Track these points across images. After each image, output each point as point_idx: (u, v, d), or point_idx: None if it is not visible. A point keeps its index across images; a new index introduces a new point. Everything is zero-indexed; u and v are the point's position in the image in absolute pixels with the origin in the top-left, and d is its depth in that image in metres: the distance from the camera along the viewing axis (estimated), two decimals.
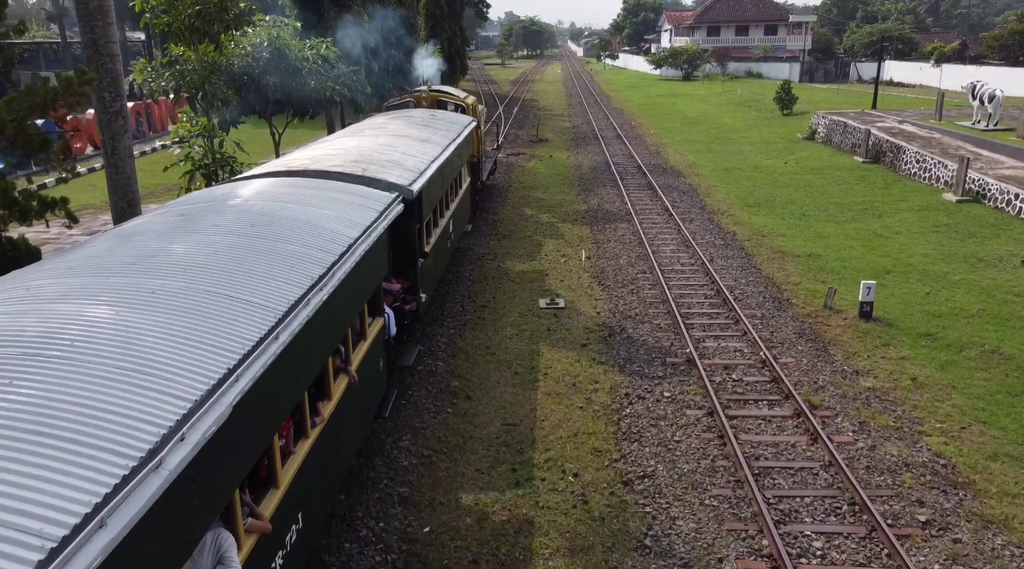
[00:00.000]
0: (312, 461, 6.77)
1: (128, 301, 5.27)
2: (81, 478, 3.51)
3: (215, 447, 4.47)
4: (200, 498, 4.40)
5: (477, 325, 14.83)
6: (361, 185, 10.50)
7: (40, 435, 3.69)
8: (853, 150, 32.87)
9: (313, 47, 18.88)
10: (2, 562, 2.95)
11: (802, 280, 17.05)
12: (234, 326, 5.35)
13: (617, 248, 19.85)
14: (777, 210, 23.86)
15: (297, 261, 6.91)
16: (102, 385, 4.21)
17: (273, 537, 5.74)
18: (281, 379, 5.72)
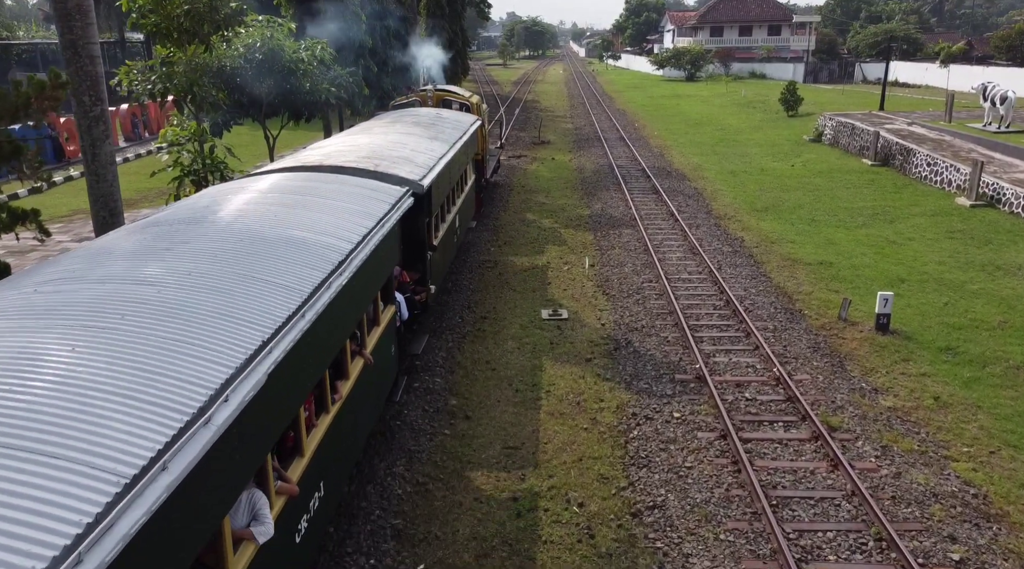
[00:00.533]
0: (332, 434, 7.26)
1: (167, 280, 5.88)
2: (144, 428, 4.01)
3: (253, 410, 4.94)
4: (241, 454, 4.88)
5: (477, 338, 14.23)
6: (374, 179, 11.03)
7: (105, 392, 4.19)
8: (861, 152, 32.25)
9: (308, 48, 18.29)
10: (85, 493, 3.46)
11: (814, 289, 16.43)
12: (266, 304, 5.92)
13: (622, 255, 19.24)
14: (785, 215, 23.24)
15: (318, 248, 7.48)
16: (154, 352, 4.74)
17: (299, 501, 6.27)
18: (307, 354, 6.19)
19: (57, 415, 3.91)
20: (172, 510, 3.89)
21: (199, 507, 4.34)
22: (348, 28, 22.14)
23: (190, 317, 5.30)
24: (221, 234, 7.24)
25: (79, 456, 3.67)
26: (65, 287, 5.59)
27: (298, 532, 6.30)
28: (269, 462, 5.68)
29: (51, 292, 5.50)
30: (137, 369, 4.49)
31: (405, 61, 31.13)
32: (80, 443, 3.76)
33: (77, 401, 4.06)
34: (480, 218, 23.27)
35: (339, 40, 21.68)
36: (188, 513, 4.19)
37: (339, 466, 7.70)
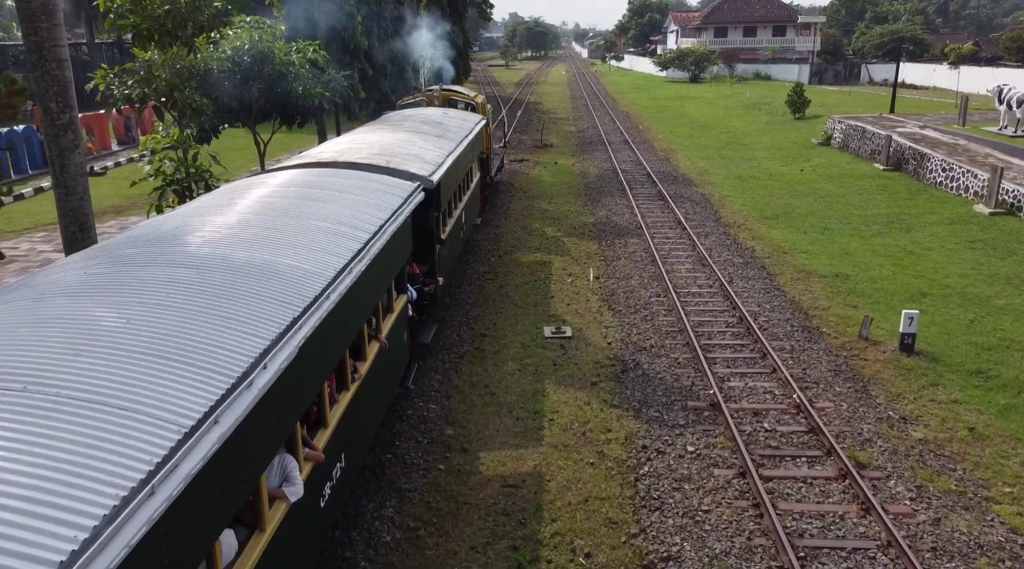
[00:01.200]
0: (352, 410, 7.80)
1: (206, 263, 6.43)
2: (196, 388, 4.52)
3: (286, 378, 5.42)
4: (275, 418, 5.39)
5: (475, 358, 13.40)
6: (386, 175, 11.50)
7: (160, 357, 4.71)
8: (872, 157, 31.38)
9: (300, 50, 17.46)
10: (153, 438, 3.96)
11: (831, 304, 15.58)
12: (295, 286, 6.43)
13: (628, 266, 18.40)
14: (797, 223, 22.39)
15: (339, 237, 8.00)
16: (200, 325, 5.24)
17: (324, 468, 6.78)
18: (330, 333, 6.66)
19: (122, 375, 4.46)
20: (222, 459, 4.41)
21: (242, 460, 4.87)
22: (343, 29, 21.28)
23: (229, 295, 5.86)
24: (251, 222, 7.91)
25: (145, 408, 4.23)
26: (115, 268, 6.24)
27: (323, 497, 6.84)
28: (298, 430, 6.20)
29: (103, 272, 6.12)
30: (186, 339, 5.04)
31: (404, 63, 30.29)
32: (144, 398, 4.31)
33: (137, 364, 4.61)
34: (483, 220, 22.46)
35: (333, 41, 20.86)
36: (234, 464, 4.72)
37: (358, 441, 8.32)
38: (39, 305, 5.36)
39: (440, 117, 19.20)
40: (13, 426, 3.85)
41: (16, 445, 3.71)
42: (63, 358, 4.52)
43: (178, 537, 4.01)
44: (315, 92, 17.55)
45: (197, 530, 4.31)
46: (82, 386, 4.27)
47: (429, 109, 21.79)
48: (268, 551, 5.36)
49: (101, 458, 3.76)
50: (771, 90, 63.81)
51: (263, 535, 5.38)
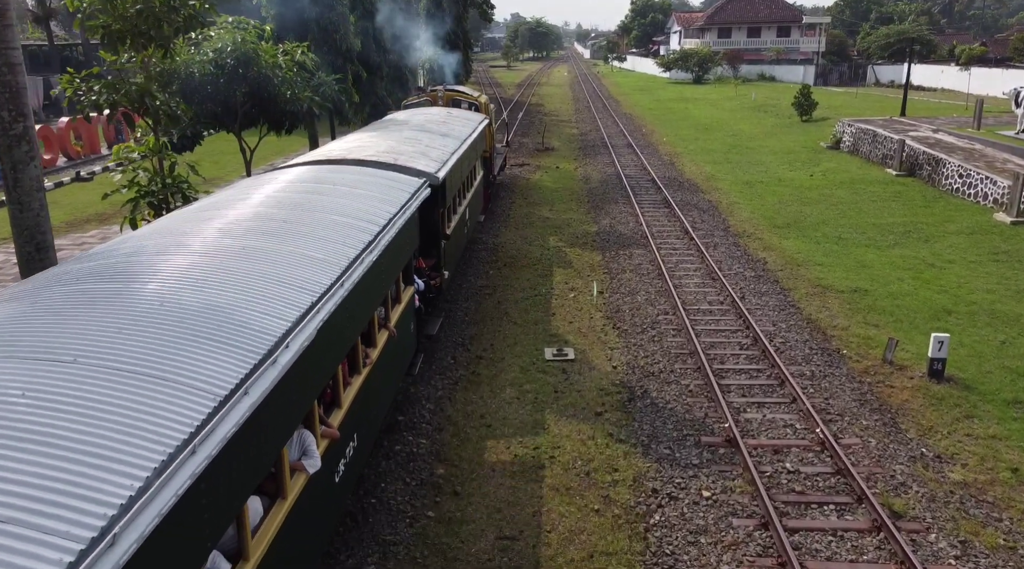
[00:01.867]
0: (363, 394, 8.18)
1: (230, 252, 6.86)
2: (226, 363, 4.99)
3: (306, 358, 5.74)
4: (296, 393, 5.78)
5: (471, 384, 12.45)
6: (394, 171, 11.91)
7: (192, 335, 5.17)
8: (884, 161, 30.42)
9: (287, 52, 16.53)
10: (192, 404, 4.43)
11: (850, 323, 14.62)
12: (312, 274, 6.80)
13: (633, 280, 17.44)
14: (809, 232, 21.43)
15: (351, 229, 8.37)
16: (226, 306, 5.68)
17: (339, 446, 7.17)
18: (344, 318, 6.97)
19: (160, 350, 4.85)
20: (251, 427, 4.77)
21: (268, 430, 5.22)
22: (334, 30, 20.38)
23: (251, 283, 6.23)
24: (268, 215, 8.31)
25: (183, 379, 4.62)
26: (147, 257, 6.68)
27: (337, 473, 7.23)
28: (316, 408, 6.58)
29: (136, 260, 6.56)
30: (214, 319, 5.41)
31: (402, 65, 29.36)
32: (181, 370, 4.70)
33: (173, 341, 5.00)
34: (482, 229, 21.54)
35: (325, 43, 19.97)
36: (261, 433, 5.08)
37: (369, 423, 8.65)
38: (82, 289, 5.80)
39: (444, 116, 19.64)
40: (68, 392, 4.24)
41: (72, 408, 4.11)
42: (108, 335, 4.96)
43: (215, 494, 4.41)
44: (303, 96, 16.64)
45: (230, 489, 4.69)
46: (125, 359, 4.70)
47: (433, 109, 22.17)
48: (289, 518, 5.83)
49: (147, 421, 4.16)
50: (776, 92, 62.83)
51: (284, 503, 5.82)
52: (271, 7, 19.83)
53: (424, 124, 17.56)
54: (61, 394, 4.21)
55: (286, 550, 5.76)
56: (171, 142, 15.68)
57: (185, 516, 4.01)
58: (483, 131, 20.68)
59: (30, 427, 3.87)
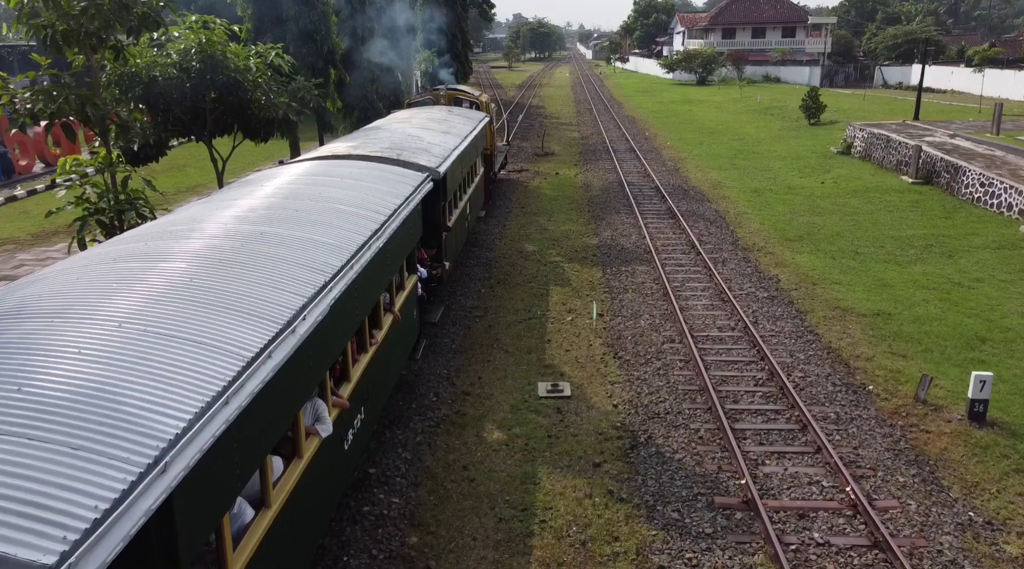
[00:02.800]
0: (370, 371, 8.74)
1: (249, 238, 7.48)
2: (251, 331, 5.55)
3: (320, 331, 6.45)
4: (312, 362, 6.43)
5: (454, 426, 11.12)
6: (398, 166, 12.53)
7: (221, 307, 5.78)
8: (899, 168, 29.06)
9: (260, 54, 15.22)
10: (224, 363, 5.02)
11: (875, 353, 13.29)
12: (324, 258, 7.49)
13: (636, 301, 16.11)
14: (823, 246, 20.09)
15: (359, 218, 8.96)
16: (250, 284, 6.35)
17: (347, 416, 7.85)
18: (353, 299, 7.69)
19: (194, 318, 5.46)
20: (273, 387, 5.40)
21: (287, 392, 5.85)
22: (315, 31, 19.06)
23: (270, 263, 6.86)
24: (282, 205, 8.92)
25: (214, 343, 5.24)
26: (173, 241, 7.23)
27: (346, 441, 7.77)
28: (328, 378, 7.12)
29: (164, 244, 7.10)
30: (240, 294, 6.09)
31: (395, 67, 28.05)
32: (212, 334, 5.32)
33: (204, 311, 5.64)
34: (475, 242, 20.25)
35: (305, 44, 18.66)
36: (281, 393, 5.69)
37: (375, 399, 9.18)
38: (120, 267, 6.37)
39: (446, 115, 20.15)
40: (116, 351, 4.79)
41: (121, 364, 4.67)
42: (147, 305, 5.49)
43: (243, 441, 4.92)
44: (279, 102, 15.33)
45: (255, 440, 5.17)
46: (164, 325, 5.22)
47: (435, 107, 22.70)
48: (304, 475, 6.35)
49: (186, 376, 4.75)
50: (782, 93, 61.47)
51: (300, 462, 6.36)
52: (247, 6, 18.55)
53: (426, 122, 18.06)
54: (111, 352, 4.77)
55: (302, 503, 6.38)
56: (133, 152, 14.42)
57: (219, 457, 4.55)
58: (483, 129, 21.17)
59: (87, 378, 4.43)
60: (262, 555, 5.41)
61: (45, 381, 4.34)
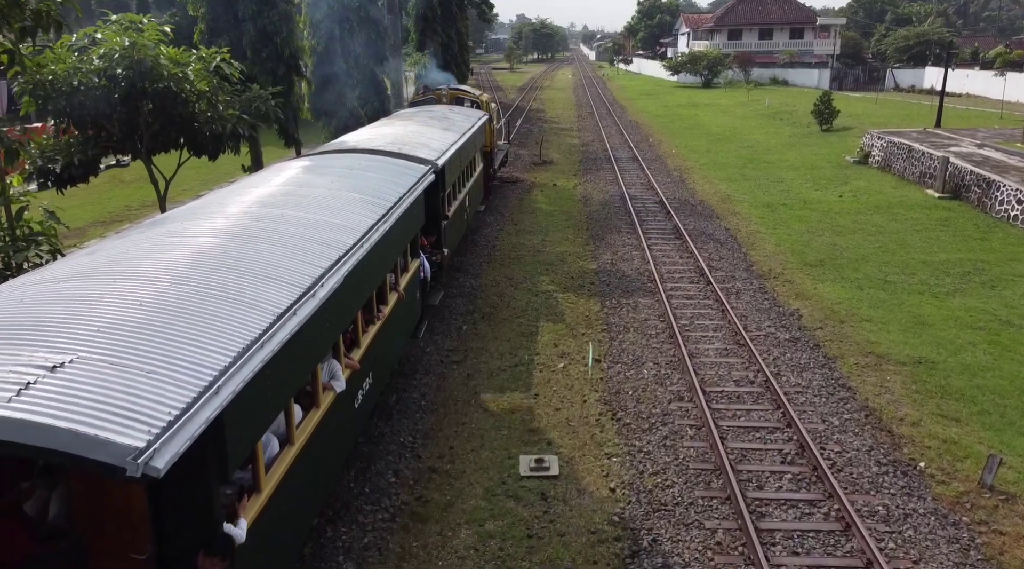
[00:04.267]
0: (377, 341, 9.75)
1: (277, 220, 8.51)
2: (277, 294, 6.61)
3: (335, 297, 7.42)
4: (328, 323, 7.37)
5: (414, 520, 9.03)
6: (400, 159, 13.21)
7: (257, 275, 6.88)
8: (922, 181, 26.93)
9: (205, 59, 13.16)
10: (259, 317, 6.08)
11: (922, 416, 11.20)
12: (337, 238, 8.42)
13: (638, 344, 14.03)
14: (847, 273, 17.99)
15: (367, 204, 10.03)
16: (276, 258, 7.40)
17: (357, 378, 8.72)
18: (363, 274, 8.55)
19: (232, 280, 6.57)
20: (297, 338, 6.30)
21: (308, 345, 6.77)
22: (275, 33, 16.98)
23: (291, 240, 7.91)
24: (297, 192, 10.02)
25: (249, 300, 6.29)
26: (202, 219, 8.41)
27: (356, 400, 8.83)
28: (341, 342, 8.17)
29: (200, 221, 8.25)
30: (268, 263, 7.17)
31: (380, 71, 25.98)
32: (249, 294, 6.38)
33: (239, 276, 6.70)
34: (460, 270, 18.18)
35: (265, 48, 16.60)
36: (303, 346, 6.62)
37: (381, 367, 10.14)
38: (162, 242, 7.50)
39: (446, 113, 20.92)
40: (171, 304, 5.85)
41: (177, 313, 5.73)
42: (193, 270, 6.66)
43: (274, 381, 5.97)
44: (227, 114, 13.26)
45: (283, 383, 6.23)
46: (209, 286, 6.39)
47: (436, 106, 23.42)
48: (321, 422, 7.38)
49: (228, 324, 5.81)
50: (791, 97, 59.34)
51: (318, 411, 7.37)
52: (199, 5, 16.51)
53: (427, 120, 18.67)
54: (168, 305, 5.83)
55: (319, 445, 7.29)
56: (55, 174, 12.38)
57: (256, 390, 5.52)
58: (482, 126, 21.90)
59: (152, 323, 5.48)
60: (286, 482, 6.44)
61: (120, 324, 5.35)
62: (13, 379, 4.51)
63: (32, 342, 5.02)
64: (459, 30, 49.07)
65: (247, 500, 5.73)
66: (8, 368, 4.64)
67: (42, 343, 5.00)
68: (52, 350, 4.89)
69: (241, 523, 5.42)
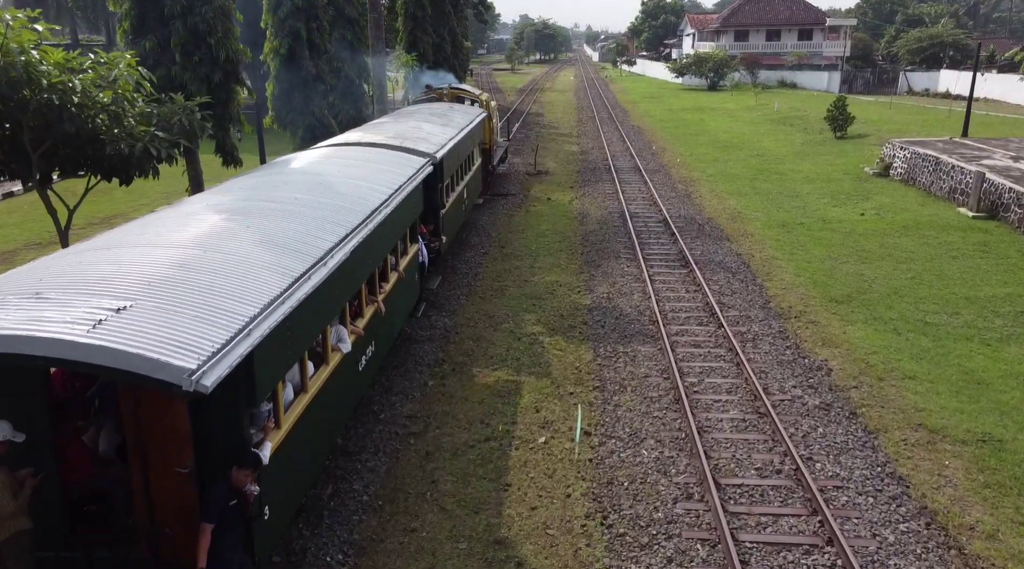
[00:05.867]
0: (380, 314, 10.86)
1: (287, 200, 9.74)
2: (294, 263, 7.74)
3: (342, 268, 8.52)
4: (336, 289, 8.46)
5: None
6: (402, 152, 14.40)
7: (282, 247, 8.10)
8: (952, 197, 24.48)
9: (106, 62, 10.74)
10: (297, 261, 7.66)
11: (999, 525, 8.76)
12: (346, 218, 9.58)
13: (636, 411, 11.60)
14: (880, 311, 15.55)
15: (370, 190, 11.11)
16: (301, 228, 8.77)
17: (362, 344, 9.94)
18: (368, 250, 9.73)
19: (255, 250, 7.71)
20: (311, 299, 7.38)
21: (320, 306, 7.89)
22: (208, 31, 14.53)
23: (306, 220, 9.00)
24: (307, 180, 11.14)
25: (271, 265, 7.42)
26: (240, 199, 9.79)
27: (360, 364, 9.99)
28: (347, 309, 9.37)
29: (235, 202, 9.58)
30: (288, 238, 8.27)
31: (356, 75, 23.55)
32: (268, 261, 7.51)
33: (267, 249, 7.87)
34: (433, 306, 15.78)
35: (198, 49, 14.18)
36: (317, 306, 7.73)
37: (383, 337, 11.31)
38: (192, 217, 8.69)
39: (446, 110, 21.72)
40: (213, 266, 7.03)
41: (218, 272, 6.92)
42: (220, 240, 7.76)
43: (292, 333, 7.04)
44: (137, 132, 10.84)
45: (298, 336, 7.33)
46: (236, 254, 7.48)
47: (437, 104, 23.99)
48: (330, 378, 8.56)
49: (256, 283, 6.95)
50: (801, 100, 56.92)
51: (327, 368, 8.56)
52: (122, 1, 14.10)
53: (428, 116, 19.57)
54: (203, 266, 6.97)
55: (327, 396, 8.53)
56: None
57: (277, 338, 6.61)
58: (481, 123, 22.93)
59: (192, 279, 6.65)
60: (300, 423, 7.63)
61: (167, 280, 6.54)
62: (88, 317, 5.50)
63: (97, 292, 6.09)
64: (453, 30, 46.60)
65: (271, 428, 6.93)
66: (82, 310, 5.64)
67: (105, 292, 6.06)
68: (114, 298, 5.94)
69: (266, 446, 6.64)
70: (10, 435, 6.06)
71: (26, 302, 5.77)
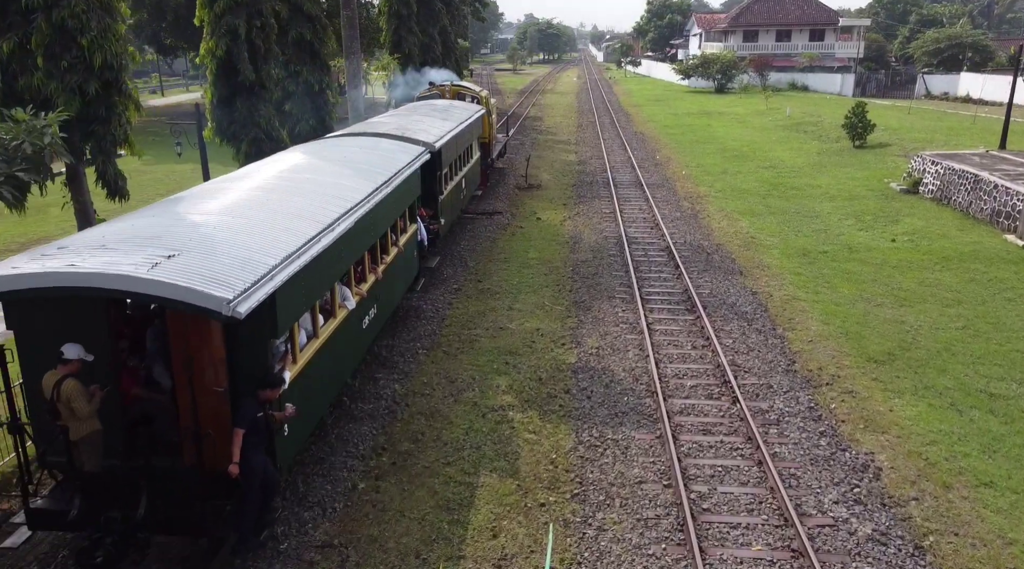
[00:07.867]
0: (381, 282, 12.33)
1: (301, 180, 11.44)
2: (307, 229, 9.17)
3: (347, 235, 9.96)
4: (342, 253, 9.93)
5: None
6: (403, 141, 15.94)
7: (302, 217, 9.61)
8: (995, 220, 21.51)
9: None
10: (292, 237, 8.75)
11: None
12: (349, 193, 11.07)
13: (625, 539, 8.65)
14: (931, 376, 12.62)
15: (372, 172, 12.69)
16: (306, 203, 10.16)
17: (365, 305, 11.42)
18: (372, 221, 11.28)
19: (276, 218, 9.28)
20: (320, 259, 8.88)
21: (328, 266, 9.38)
22: (78, 28, 11.58)
23: (314, 196, 10.46)
24: (314, 164, 12.66)
25: (287, 228, 8.90)
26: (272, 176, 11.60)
27: (363, 322, 11.43)
28: (352, 273, 10.91)
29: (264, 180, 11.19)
30: (302, 210, 9.75)
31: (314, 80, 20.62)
32: (286, 225, 8.99)
33: (286, 218, 9.30)
34: (381, 365, 12.90)
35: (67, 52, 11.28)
36: (326, 265, 9.22)
37: (384, 304, 12.75)
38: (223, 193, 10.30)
39: (446, 106, 23.20)
40: (243, 229, 8.51)
41: (249, 232, 8.51)
42: (248, 209, 9.37)
43: (305, 283, 8.53)
44: None
45: (310, 287, 8.79)
46: (260, 219, 9.06)
47: (439, 100, 25.18)
48: (337, 330, 10.07)
49: (276, 244, 8.37)
50: (814, 104, 53.83)
51: (335, 321, 10.05)
52: None
53: (429, 111, 20.96)
54: (235, 227, 8.54)
55: (335, 345, 10.00)
56: None
57: (294, 285, 8.06)
58: (480, 118, 24.18)
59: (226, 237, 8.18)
60: (312, 363, 9.11)
61: (208, 237, 8.07)
62: (147, 261, 7.01)
63: (150, 244, 7.55)
64: (445, 28, 43.60)
65: (289, 362, 8.44)
66: (142, 256, 7.16)
67: (158, 245, 7.55)
68: (166, 248, 7.44)
69: (286, 373, 8.19)
70: (83, 355, 7.35)
71: (97, 251, 7.29)
